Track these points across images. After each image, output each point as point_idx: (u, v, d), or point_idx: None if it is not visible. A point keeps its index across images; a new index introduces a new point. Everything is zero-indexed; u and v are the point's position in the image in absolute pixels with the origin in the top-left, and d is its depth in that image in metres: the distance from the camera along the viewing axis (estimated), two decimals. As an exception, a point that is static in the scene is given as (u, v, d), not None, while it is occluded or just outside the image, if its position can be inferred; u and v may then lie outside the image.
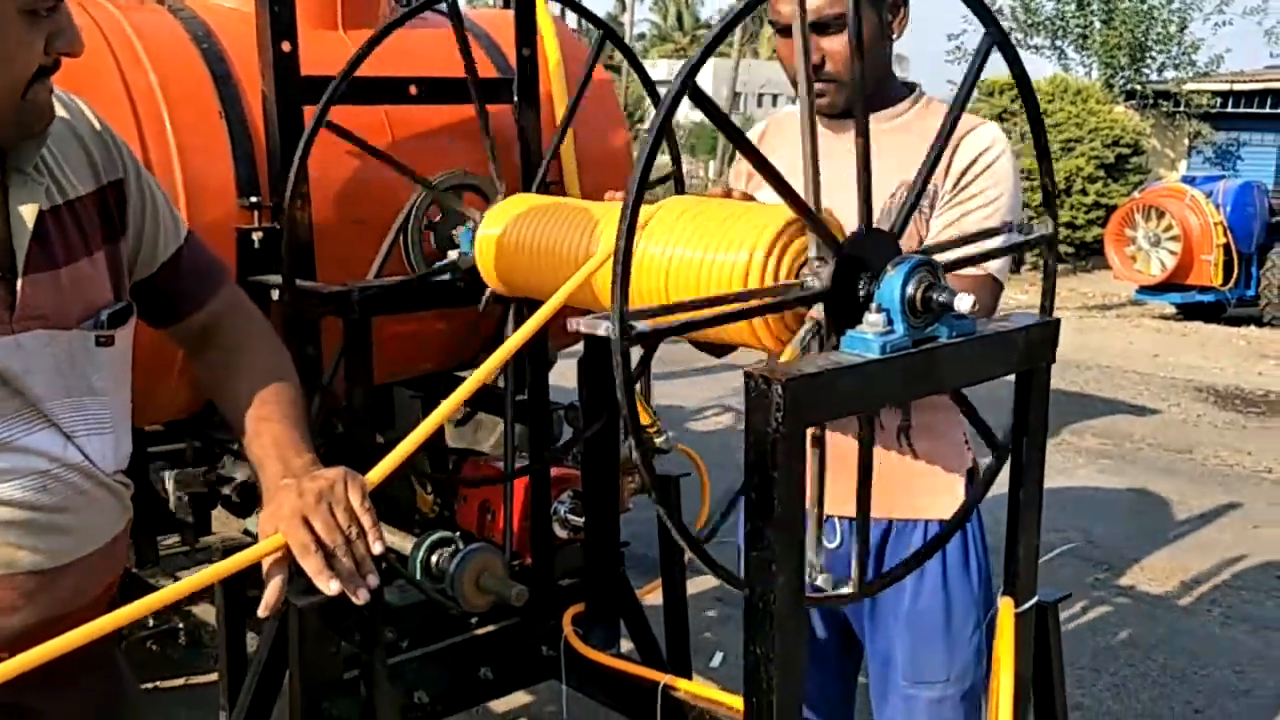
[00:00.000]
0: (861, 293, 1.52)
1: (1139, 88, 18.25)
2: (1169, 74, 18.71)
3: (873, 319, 1.48)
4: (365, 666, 2.22)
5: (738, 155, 2.39)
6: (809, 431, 2.14)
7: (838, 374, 1.42)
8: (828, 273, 1.51)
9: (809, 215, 1.49)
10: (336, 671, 2.27)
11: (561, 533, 2.82)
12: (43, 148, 1.44)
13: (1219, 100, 17.91)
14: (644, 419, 3.12)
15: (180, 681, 3.62)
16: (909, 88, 2.16)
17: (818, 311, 1.53)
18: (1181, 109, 17.98)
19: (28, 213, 1.41)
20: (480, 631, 2.58)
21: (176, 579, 3.02)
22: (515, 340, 1.65)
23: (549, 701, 3.61)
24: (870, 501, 1.65)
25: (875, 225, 1.56)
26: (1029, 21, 19.33)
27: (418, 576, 2.43)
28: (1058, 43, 19.17)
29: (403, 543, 2.53)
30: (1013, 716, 1.70)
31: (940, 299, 1.49)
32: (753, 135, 2.40)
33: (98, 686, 1.64)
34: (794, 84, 2.12)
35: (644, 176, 1.33)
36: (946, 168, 2.02)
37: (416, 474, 2.85)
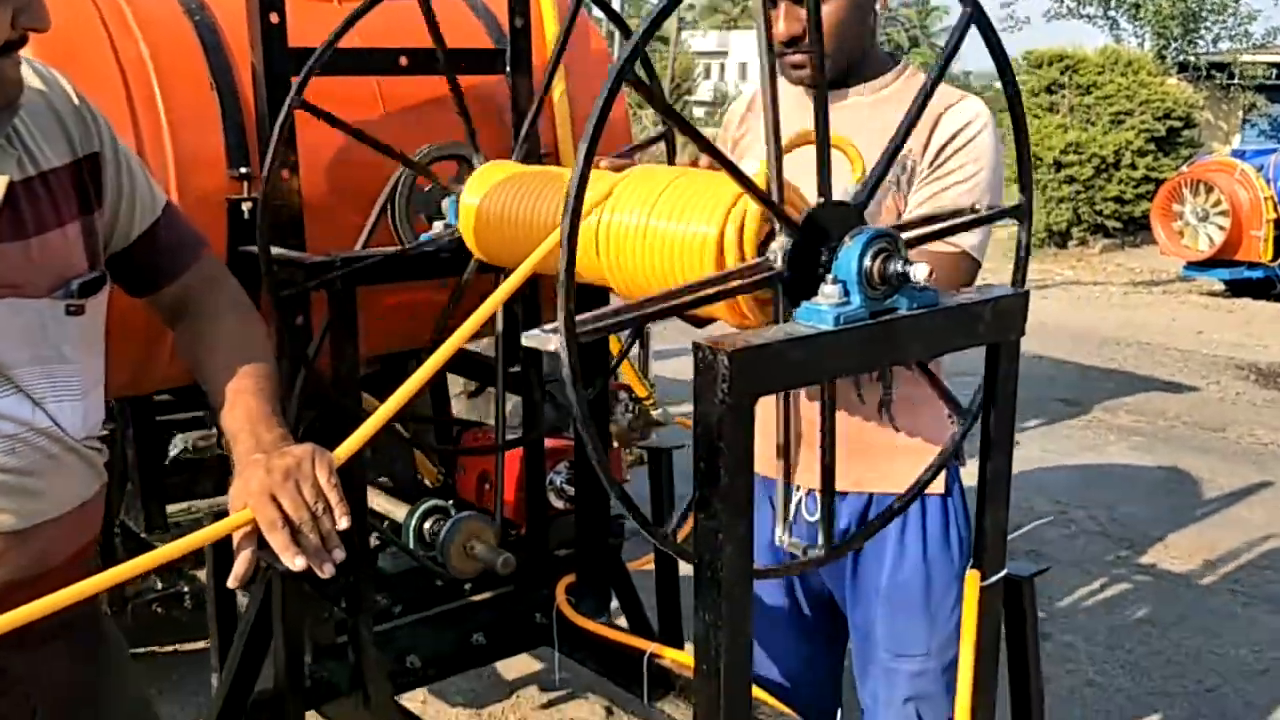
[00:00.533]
0: (822, 264, 1.52)
1: (1192, 59, 17.91)
2: (1224, 45, 18.35)
3: (828, 290, 1.48)
4: (352, 631, 2.26)
5: (725, 124, 2.41)
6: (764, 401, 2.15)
7: (787, 345, 1.41)
8: (783, 253, 1.51)
9: (761, 196, 1.48)
10: (326, 636, 2.32)
11: (557, 503, 2.85)
12: (14, 119, 1.47)
13: (1275, 72, 17.53)
14: (640, 391, 3.14)
15: (201, 644, 3.68)
16: (894, 59, 2.15)
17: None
18: (1236, 81, 17.62)
19: None
20: (474, 598, 2.62)
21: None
22: (483, 312, 1.66)
23: (562, 668, 3.66)
24: (835, 470, 1.65)
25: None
26: (1082, -10, 19.03)
27: (410, 544, 2.47)
28: (1110, 12, 18.84)
29: (397, 510, 2.58)
30: (972, 689, 1.70)
31: (898, 270, 1.49)
32: (740, 104, 2.40)
33: (76, 647, 1.68)
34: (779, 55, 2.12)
35: (584, 172, 1.33)
36: (925, 142, 2.01)
37: (416, 445, 2.88)
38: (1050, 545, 5.00)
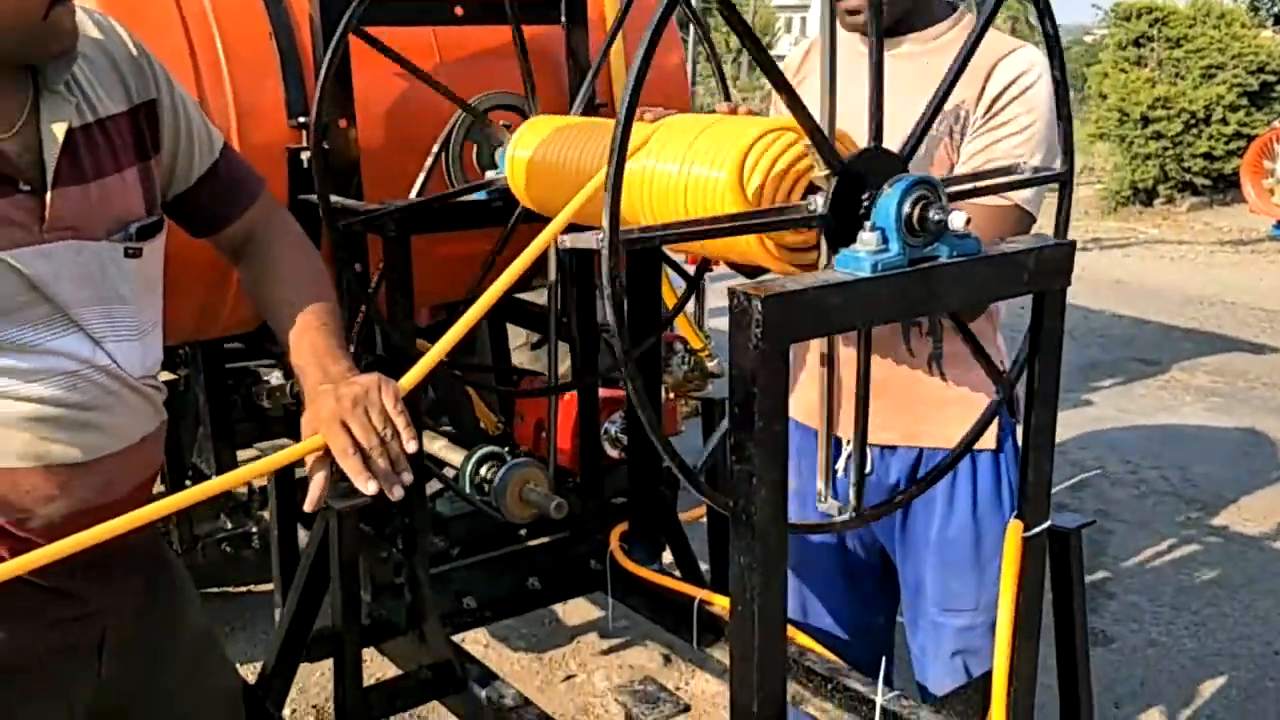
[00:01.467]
0: (862, 211, 1.52)
1: (1289, 11, 17.32)
2: (1323, -4, 17.71)
3: (866, 237, 1.48)
4: (409, 572, 2.32)
5: (784, 69, 2.39)
6: (816, 352, 2.15)
7: (822, 291, 1.42)
8: (827, 195, 1.51)
9: (818, 136, 1.48)
10: (385, 576, 2.38)
11: (613, 452, 2.89)
12: (72, 67, 1.52)
13: (1377, 23, 16.90)
14: (696, 343, 3.15)
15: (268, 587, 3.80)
16: (951, 7, 2.12)
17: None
18: (1336, 33, 17.00)
19: (57, 129, 1.49)
20: (530, 544, 2.67)
21: (250, 486, 3.18)
22: (528, 255, 1.69)
23: (622, 616, 3.71)
24: (867, 426, 1.66)
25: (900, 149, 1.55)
26: (1171, -60, 18.43)
27: (467, 489, 2.52)
28: (1201, -37, 18.24)
29: (455, 456, 2.63)
30: (1011, 642, 1.70)
31: (937, 218, 1.49)
32: (797, 54, 2.38)
33: (140, 575, 1.75)
34: None
35: (637, 87, 1.32)
36: (979, 93, 1.98)
37: (471, 384, 2.93)
38: (1119, 505, 4.94)
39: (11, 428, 1.47)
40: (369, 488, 1.54)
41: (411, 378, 1.64)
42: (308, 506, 1.62)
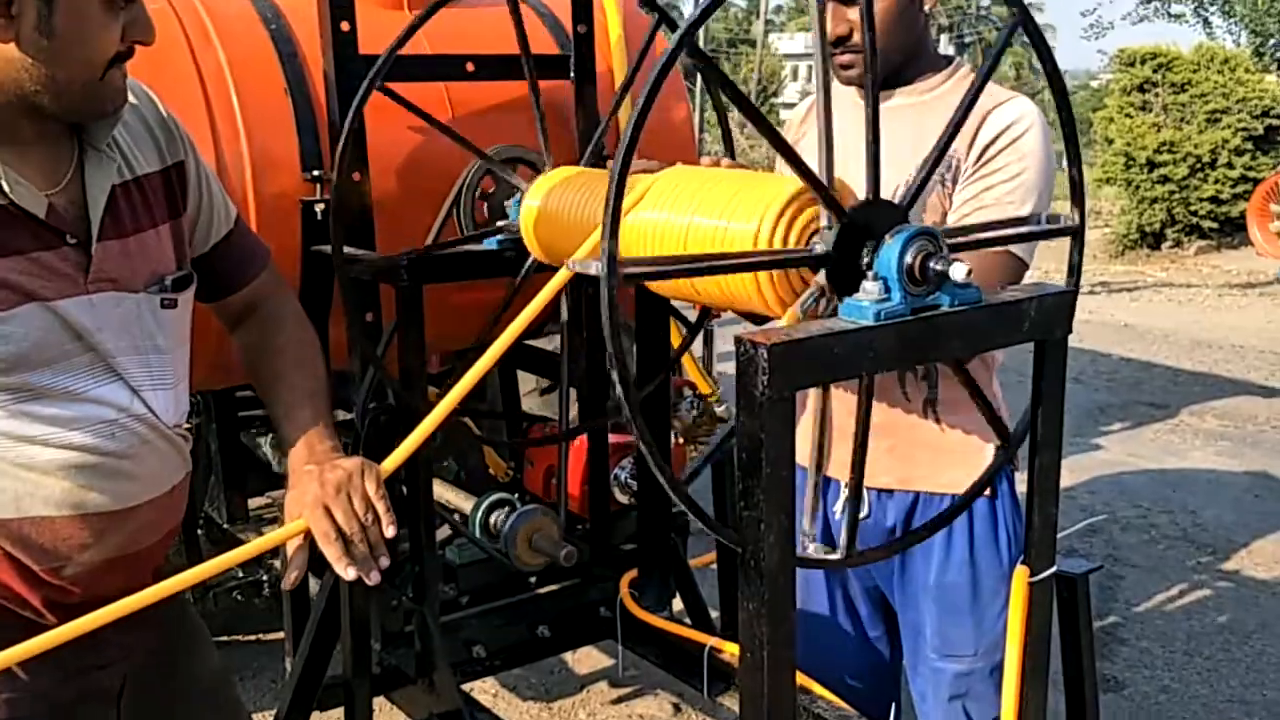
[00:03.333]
0: (864, 262, 1.55)
1: (1292, 56, 17.41)
2: (1326, 41, 17.80)
3: (869, 287, 1.51)
4: (419, 620, 2.33)
5: (785, 129, 2.43)
6: (812, 398, 2.17)
7: (827, 339, 1.44)
8: (831, 237, 1.54)
9: (817, 185, 1.51)
10: (394, 624, 2.39)
11: (623, 498, 2.90)
12: (115, 128, 1.58)
13: (1381, 68, 16.97)
14: (704, 388, 3.17)
15: (281, 634, 3.80)
16: (947, 60, 2.15)
17: (822, 277, 1.56)
18: (1339, 78, 17.08)
19: (102, 185, 1.56)
20: (540, 591, 2.67)
21: (261, 534, 3.19)
22: (529, 312, 1.72)
23: (631, 664, 3.70)
24: (864, 467, 1.67)
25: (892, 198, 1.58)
26: (1169, -13, 18.61)
27: (477, 535, 2.54)
28: (1201, 10, 18.37)
29: (465, 503, 2.64)
30: (1018, 688, 1.71)
31: (938, 267, 1.51)
32: (801, 109, 2.43)
33: (158, 619, 1.77)
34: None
35: (637, 128, 1.35)
36: (971, 140, 2.01)
37: (486, 440, 2.95)
38: (1129, 550, 4.93)
39: (51, 475, 1.51)
40: (348, 574, 1.60)
41: (394, 461, 1.69)
42: (285, 586, 1.70)
